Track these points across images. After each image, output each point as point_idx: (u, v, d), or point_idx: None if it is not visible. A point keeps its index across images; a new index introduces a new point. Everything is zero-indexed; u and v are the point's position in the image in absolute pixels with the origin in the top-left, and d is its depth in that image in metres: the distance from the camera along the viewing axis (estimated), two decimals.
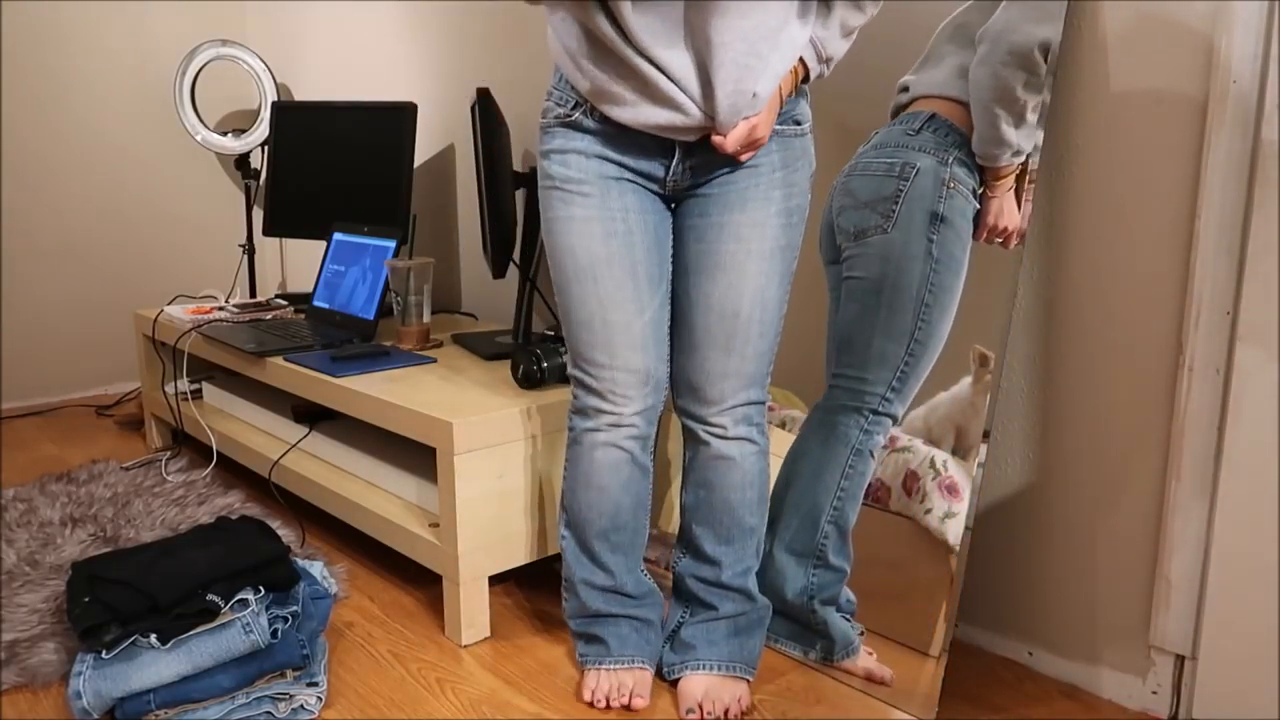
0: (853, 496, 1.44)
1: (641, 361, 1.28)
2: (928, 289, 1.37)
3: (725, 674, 1.35)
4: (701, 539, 1.37)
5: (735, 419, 1.32)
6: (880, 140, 1.45)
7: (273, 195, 2.67)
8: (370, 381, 1.72)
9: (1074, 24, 1.32)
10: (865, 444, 1.43)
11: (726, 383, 1.30)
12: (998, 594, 1.51)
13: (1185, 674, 1.32)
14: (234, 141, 3.02)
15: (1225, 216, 1.21)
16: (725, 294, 1.27)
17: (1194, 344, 1.25)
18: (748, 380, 1.31)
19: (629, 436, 1.32)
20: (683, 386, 1.34)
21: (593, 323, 1.27)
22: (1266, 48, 1.16)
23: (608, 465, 1.33)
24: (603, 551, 1.36)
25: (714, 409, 1.31)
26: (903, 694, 1.35)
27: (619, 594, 1.38)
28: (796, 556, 1.48)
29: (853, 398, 1.45)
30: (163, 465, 2.31)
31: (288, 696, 1.33)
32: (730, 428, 1.32)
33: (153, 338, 2.38)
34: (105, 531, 1.92)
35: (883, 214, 1.41)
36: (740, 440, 1.33)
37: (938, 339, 1.37)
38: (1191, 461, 1.27)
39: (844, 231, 1.46)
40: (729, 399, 1.31)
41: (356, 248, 2.18)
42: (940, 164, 1.38)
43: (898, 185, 1.40)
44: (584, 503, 1.35)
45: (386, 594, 1.72)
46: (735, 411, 1.32)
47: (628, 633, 1.38)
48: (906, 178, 1.40)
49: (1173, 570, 1.30)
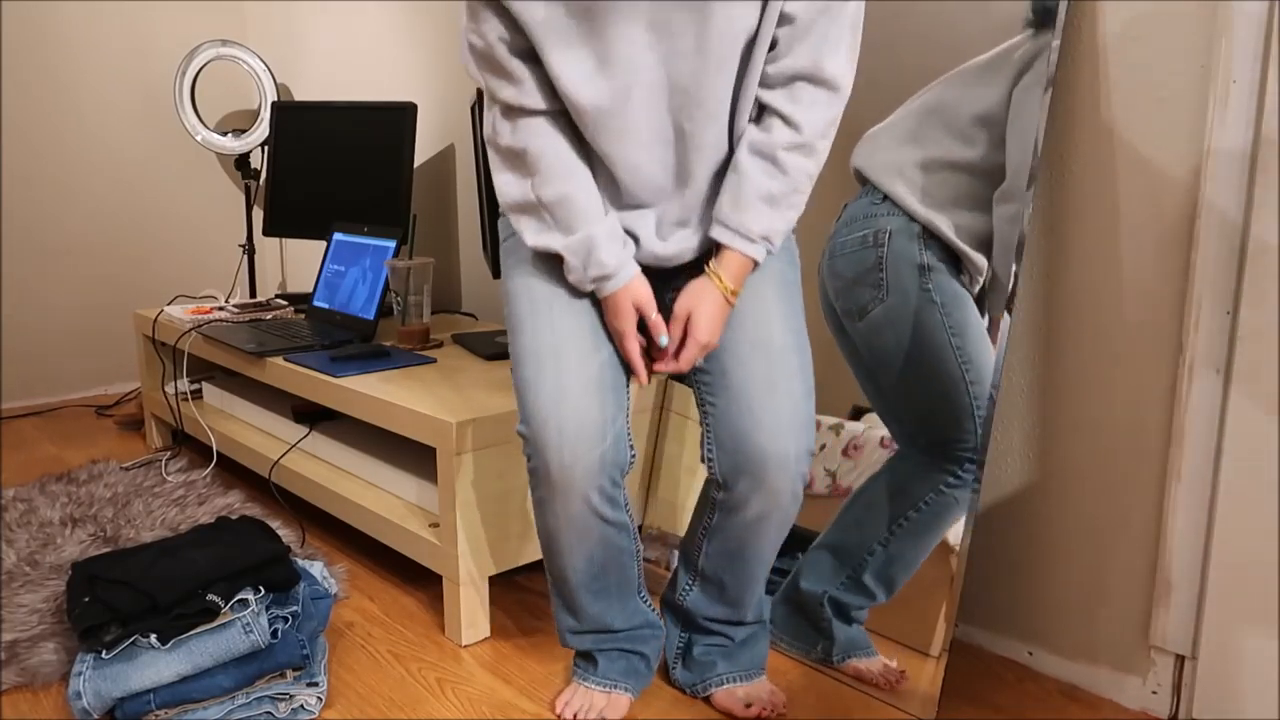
0: (915, 533, 1.38)
1: (598, 408, 1.15)
2: (949, 332, 1.35)
3: (749, 682, 1.34)
4: (725, 584, 1.30)
5: (791, 477, 1.17)
6: (849, 216, 1.47)
7: (273, 195, 2.67)
8: (370, 381, 1.72)
9: (1074, 24, 1.32)
10: (954, 490, 1.35)
11: (780, 438, 1.15)
12: (998, 594, 1.51)
13: (1185, 674, 1.32)
14: (234, 141, 3.02)
15: (1225, 216, 1.21)
16: (754, 329, 1.18)
17: (1194, 344, 1.25)
18: (802, 423, 1.17)
19: (593, 500, 1.17)
20: (725, 443, 1.18)
21: (542, 356, 1.16)
22: (1266, 48, 1.16)
23: (575, 529, 1.20)
24: (586, 602, 1.28)
25: (770, 470, 1.16)
26: (903, 694, 1.35)
27: (606, 632, 1.32)
28: (833, 558, 1.46)
29: (943, 458, 1.37)
30: (163, 465, 2.31)
31: (288, 696, 1.33)
32: (785, 488, 1.18)
33: (153, 338, 2.38)
34: (105, 531, 1.91)
35: (873, 285, 1.42)
36: (793, 497, 1.20)
37: (987, 369, 1.32)
38: (1191, 461, 1.27)
39: (846, 313, 1.45)
40: (786, 456, 1.15)
41: (356, 248, 2.18)
42: (909, 220, 1.39)
43: (877, 254, 1.41)
44: (557, 562, 1.25)
45: (386, 594, 1.72)
46: (790, 469, 1.16)
47: (616, 658, 1.33)
48: (882, 244, 1.41)
49: (1173, 570, 1.30)
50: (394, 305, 2.00)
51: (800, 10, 1.08)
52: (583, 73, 1.09)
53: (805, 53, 1.10)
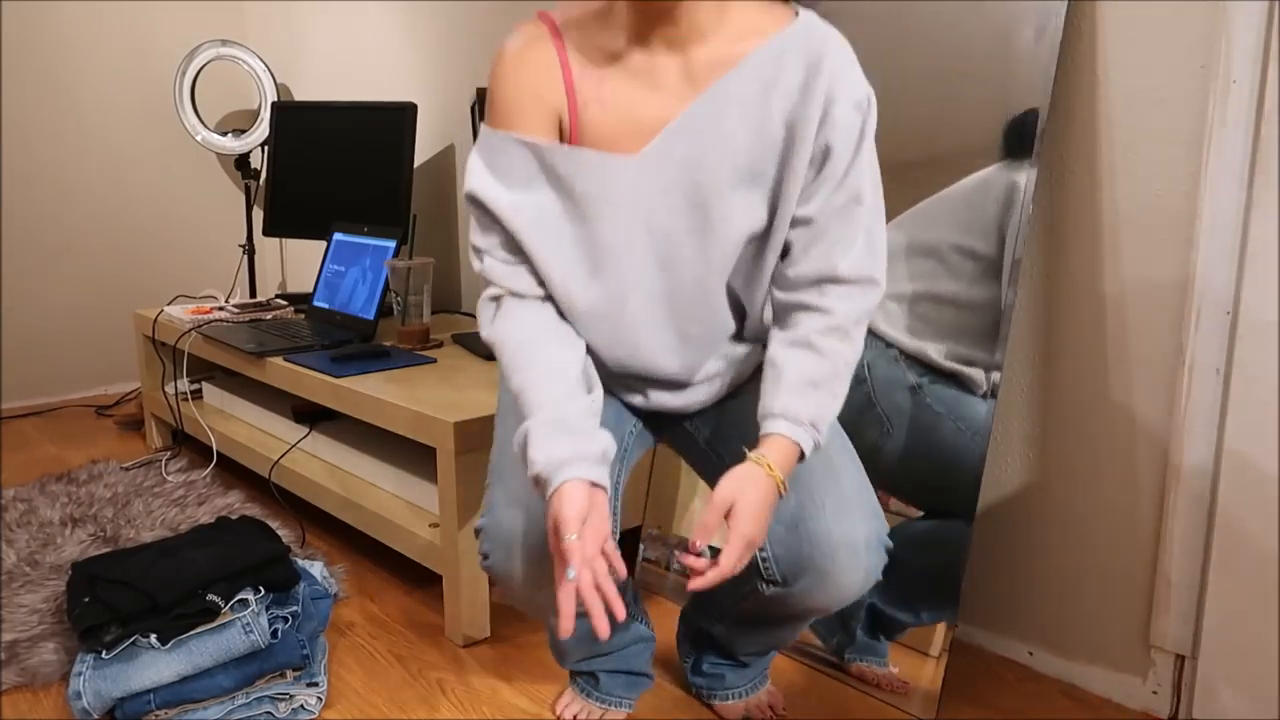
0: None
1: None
2: (967, 434, 1.33)
3: (754, 694, 1.33)
4: (738, 652, 1.27)
5: (865, 568, 1.04)
6: None
7: (273, 195, 2.67)
8: (370, 381, 1.72)
9: (1074, 24, 1.32)
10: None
11: (846, 520, 1.03)
12: (998, 594, 1.51)
13: (1185, 674, 1.32)
14: (234, 141, 3.02)
15: (1225, 216, 1.21)
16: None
17: (1194, 344, 1.25)
18: (871, 507, 1.06)
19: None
20: (780, 534, 1.06)
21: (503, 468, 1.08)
22: (1266, 48, 1.16)
23: (548, 617, 1.13)
24: (577, 650, 1.24)
25: (839, 562, 1.03)
26: (903, 694, 1.35)
27: (602, 655, 1.28)
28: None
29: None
30: (163, 465, 2.31)
31: (288, 696, 1.33)
32: (857, 581, 1.05)
33: (153, 338, 2.38)
34: (105, 531, 1.91)
35: (874, 422, 1.40)
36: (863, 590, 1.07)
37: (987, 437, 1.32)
38: (1191, 461, 1.27)
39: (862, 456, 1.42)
40: (856, 544, 1.03)
41: (356, 248, 2.18)
42: (886, 345, 1.39)
43: (864, 392, 1.40)
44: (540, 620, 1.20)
45: (386, 594, 1.72)
46: (861, 558, 1.04)
47: (616, 674, 1.31)
48: (864, 379, 1.40)
49: (1173, 570, 1.30)
50: (394, 305, 2.00)
51: (815, 212, 1.00)
52: (575, 276, 1.03)
53: (821, 257, 1.01)
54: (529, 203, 1.01)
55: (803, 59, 0.97)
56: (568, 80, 1.00)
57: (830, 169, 0.98)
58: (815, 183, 0.99)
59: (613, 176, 1.00)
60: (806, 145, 0.97)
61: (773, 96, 0.97)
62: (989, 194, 1.33)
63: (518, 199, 1.01)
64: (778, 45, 0.97)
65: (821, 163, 0.99)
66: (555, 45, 1.01)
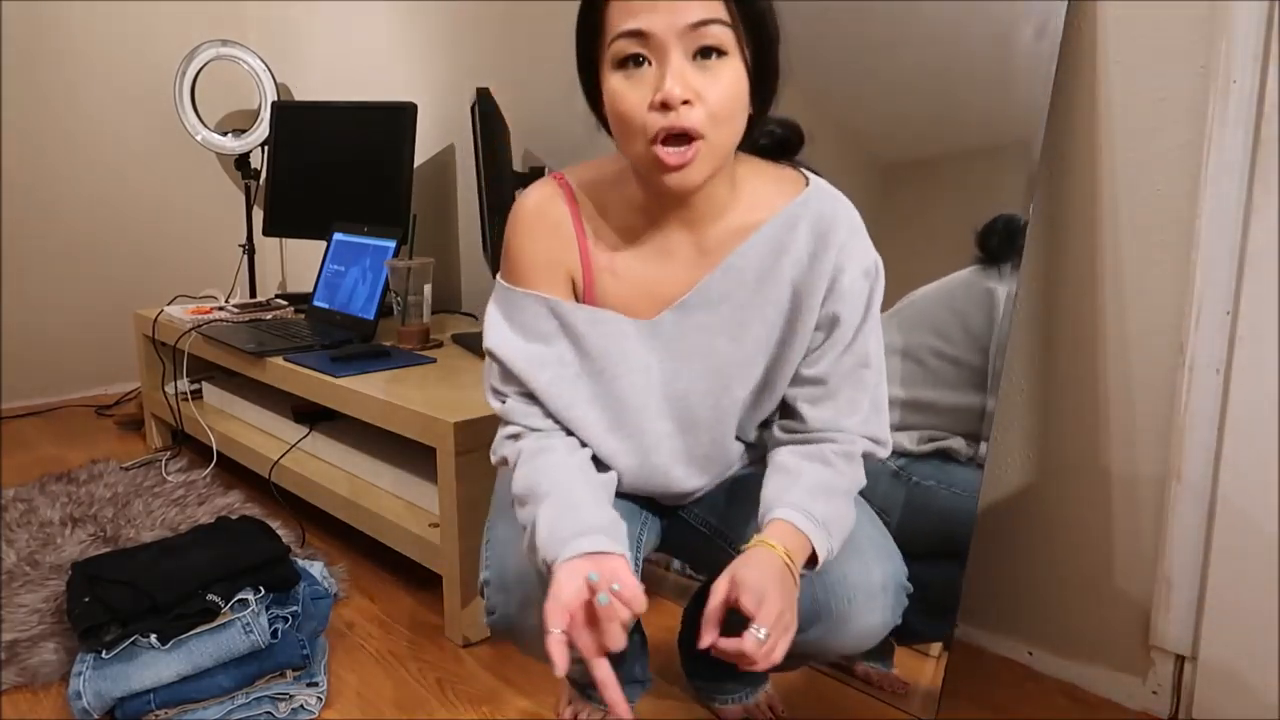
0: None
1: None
2: (960, 498, 1.33)
3: (753, 696, 1.33)
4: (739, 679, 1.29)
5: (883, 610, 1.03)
6: None
7: (273, 195, 2.67)
8: (370, 381, 1.72)
9: (1074, 24, 1.32)
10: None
11: (862, 560, 1.02)
12: (998, 594, 1.51)
13: (1185, 674, 1.32)
14: (234, 141, 3.02)
15: (1225, 216, 1.21)
16: None
17: (1194, 344, 1.25)
18: (888, 548, 1.05)
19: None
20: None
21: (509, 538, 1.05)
22: (1266, 48, 1.16)
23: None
24: (575, 674, 1.23)
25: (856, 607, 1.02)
26: (903, 694, 1.35)
27: None
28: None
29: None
30: (163, 465, 2.31)
31: (288, 696, 1.33)
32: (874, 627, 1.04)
33: (153, 338, 2.38)
34: (105, 531, 1.91)
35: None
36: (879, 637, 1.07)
37: None
38: (1191, 461, 1.27)
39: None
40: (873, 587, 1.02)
41: (356, 248, 2.18)
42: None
43: None
44: None
45: (386, 594, 1.72)
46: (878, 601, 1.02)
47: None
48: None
49: (1173, 570, 1.30)
50: (394, 305, 2.00)
51: (823, 373, 1.02)
52: (596, 433, 1.04)
53: (828, 419, 1.03)
54: (549, 357, 1.02)
55: (814, 229, 0.99)
56: (582, 248, 1.02)
57: (839, 334, 1.01)
58: (823, 346, 1.02)
59: (629, 338, 1.02)
60: (812, 313, 1.00)
61: (784, 263, 1.00)
62: (970, 297, 1.34)
63: (536, 352, 1.02)
64: (790, 215, 1.00)
65: (830, 328, 1.01)
66: (570, 210, 1.02)
